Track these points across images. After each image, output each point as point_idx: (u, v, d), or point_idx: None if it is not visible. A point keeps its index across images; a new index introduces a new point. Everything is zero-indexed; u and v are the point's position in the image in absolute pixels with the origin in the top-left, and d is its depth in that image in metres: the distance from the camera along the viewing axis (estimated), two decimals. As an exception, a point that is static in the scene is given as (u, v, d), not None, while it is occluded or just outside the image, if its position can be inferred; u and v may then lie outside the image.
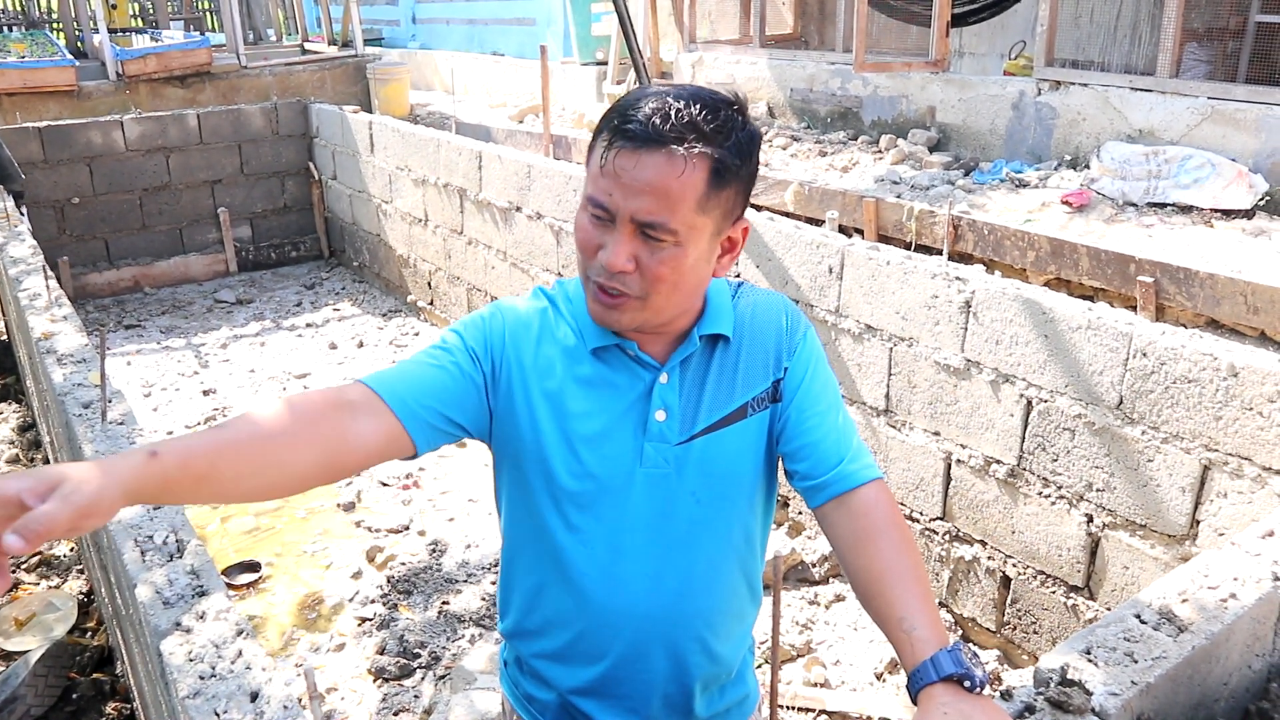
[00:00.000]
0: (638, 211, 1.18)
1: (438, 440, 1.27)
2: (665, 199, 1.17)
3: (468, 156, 6.18)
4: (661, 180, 1.17)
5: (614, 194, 1.19)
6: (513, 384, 1.31)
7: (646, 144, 1.17)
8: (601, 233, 1.22)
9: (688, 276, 1.24)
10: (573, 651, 1.40)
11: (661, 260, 1.21)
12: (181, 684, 1.51)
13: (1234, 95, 4.99)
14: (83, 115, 8.35)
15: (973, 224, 4.67)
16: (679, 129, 1.17)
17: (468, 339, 1.31)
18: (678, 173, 1.17)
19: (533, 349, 1.32)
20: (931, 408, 3.58)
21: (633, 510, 1.33)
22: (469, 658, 3.54)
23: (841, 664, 3.47)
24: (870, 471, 1.32)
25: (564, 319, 1.35)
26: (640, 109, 1.18)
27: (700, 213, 1.20)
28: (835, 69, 7.20)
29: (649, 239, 1.20)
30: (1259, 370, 2.64)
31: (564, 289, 1.39)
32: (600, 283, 1.23)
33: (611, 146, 1.19)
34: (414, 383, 1.25)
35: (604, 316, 1.26)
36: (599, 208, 1.21)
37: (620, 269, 1.20)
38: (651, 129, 1.16)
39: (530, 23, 11.10)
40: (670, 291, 1.24)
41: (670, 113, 1.17)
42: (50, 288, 3.70)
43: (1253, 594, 1.57)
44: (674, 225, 1.19)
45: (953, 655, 1.11)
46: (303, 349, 6.72)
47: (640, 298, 1.23)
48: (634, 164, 1.17)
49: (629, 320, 1.25)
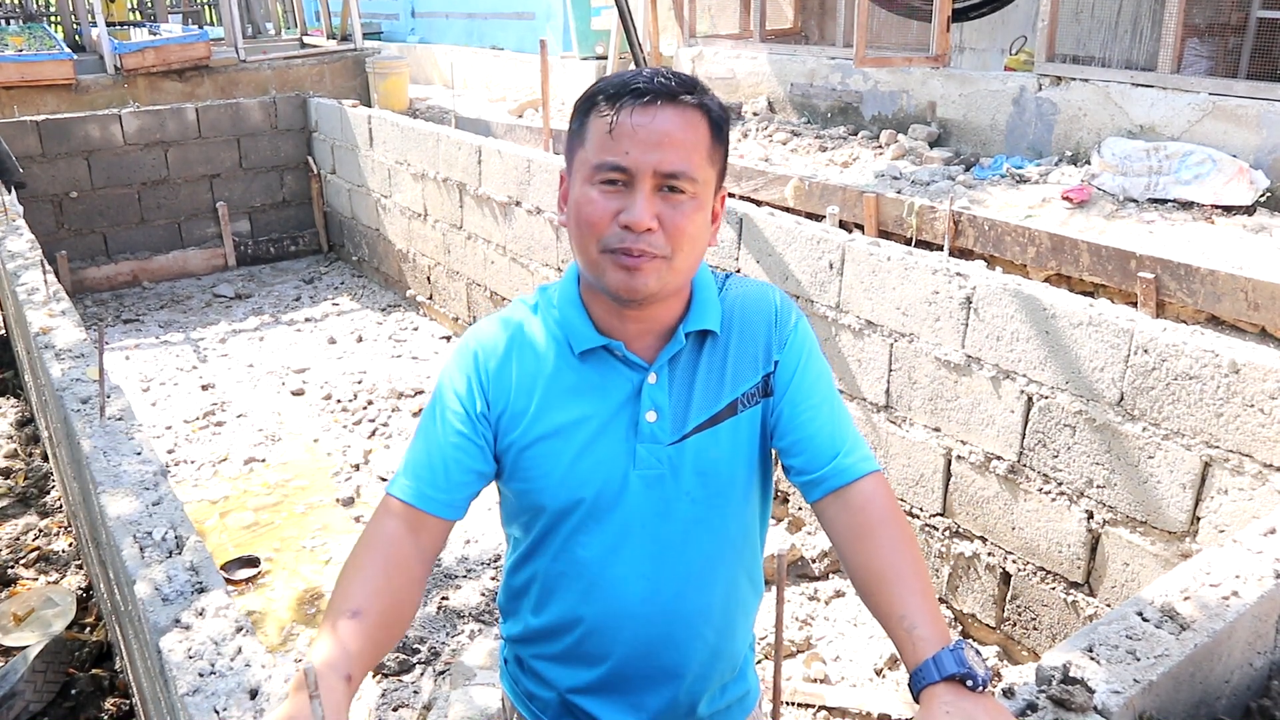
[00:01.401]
0: (660, 163, 1.20)
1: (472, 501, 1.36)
2: (684, 148, 1.21)
3: (467, 151, 6.17)
4: (679, 130, 1.21)
5: (631, 151, 1.20)
6: (504, 414, 1.32)
7: (659, 98, 1.21)
8: (618, 198, 1.22)
9: (701, 235, 1.27)
10: (575, 653, 1.40)
11: (684, 214, 1.23)
12: (181, 681, 1.50)
13: (1235, 91, 4.99)
14: (80, 109, 8.34)
15: (973, 219, 4.67)
16: (681, 83, 1.23)
17: (465, 398, 1.33)
18: (690, 122, 1.23)
19: (514, 371, 1.33)
20: (932, 404, 3.58)
21: (629, 512, 1.32)
22: (468, 653, 3.54)
23: (841, 660, 3.47)
24: (867, 464, 1.32)
25: (547, 326, 1.34)
26: (636, 76, 1.23)
27: (709, 164, 1.25)
28: (835, 64, 7.18)
29: (671, 192, 1.22)
30: (1260, 367, 2.64)
31: (547, 295, 1.38)
32: (623, 246, 1.22)
33: (620, 108, 1.21)
34: (443, 476, 1.31)
35: (629, 283, 1.24)
36: (615, 170, 1.21)
37: (647, 225, 1.21)
38: (659, 84, 1.21)
39: (530, 17, 11.07)
40: (690, 249, 1.26)
41: (666, 73, 1.24)
42: (48, 282, 3.69)
43: (1254, 592, 1.57)
44: (694, 174, 1.22)
45: (955, 654, 1.10)
46: (301, 344, 6.71)
47: (665, 257, 1.23)
48: (650, 118, 1.20)
49: (655, 283, 1.24)
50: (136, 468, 2.25)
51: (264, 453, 5.13)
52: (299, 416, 5.57)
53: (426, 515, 1.29)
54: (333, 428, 5.42)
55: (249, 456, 5.08)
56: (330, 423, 5.49)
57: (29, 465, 4.84)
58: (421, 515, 1.29)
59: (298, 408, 5.69)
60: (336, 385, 5.93)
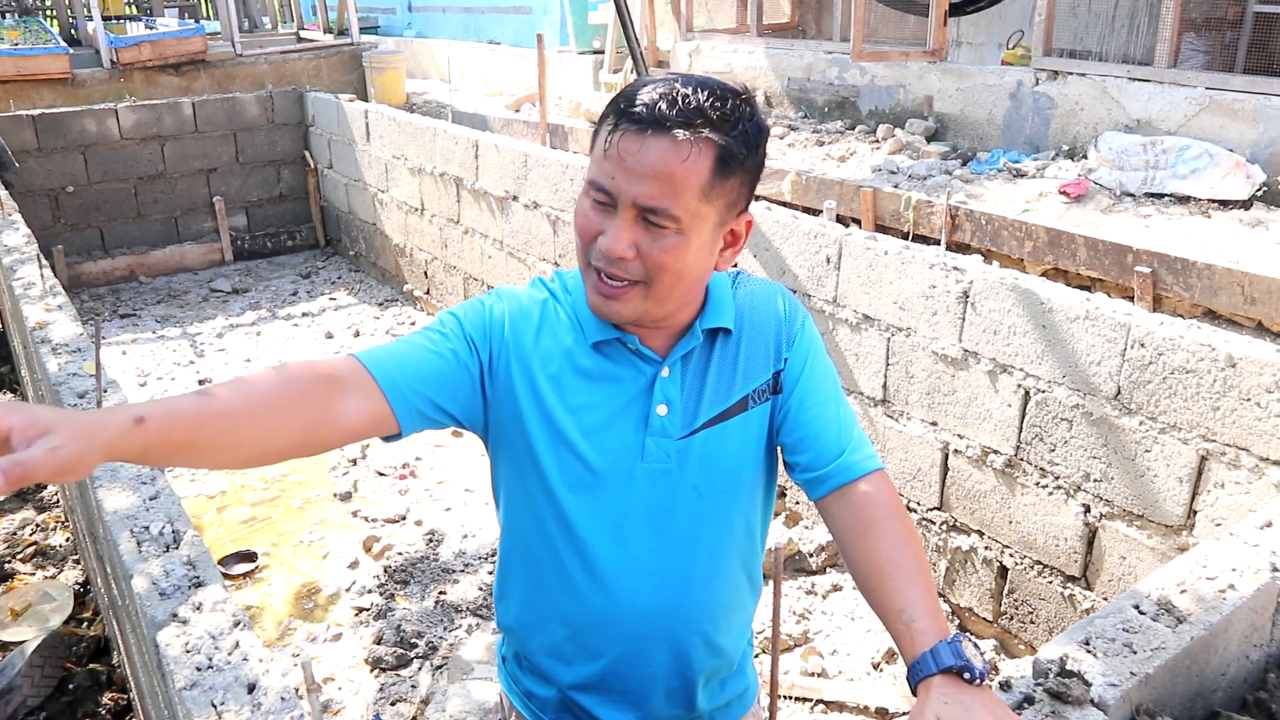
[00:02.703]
0: (640, 196, 1.16)
1: (423, 425, 1.26)
2: (669, 184, 1.15)
3: (464, 145, 6.16)
4: (665, 165, 1.15)
5: (616, 177, 1.17)
6: (512, 373, 1.29)
7: (651, 127, 1.15)
8: (603, 218, 1.20)
9: (691, 267, 1.22)
10: (573, 647, 1.39)
11: (664, 248, 1.19)
12: (178, 676, 1.50)
13: (1232, 85, 4.98)
14: (77, 103, 8.31)
15: (970, 214, 4.67)
16: (685, 114, 1.15)
17: (466, 325, 1.29)
18: (682, 158, 1.15)
19: (533, 338, 1.30)
20: (929, 398, 3.58)
21: (633, 505, 1.32)
22: (466, 648, 3.54)
23: (839, 654, 3.48)
24: (871, 462, 1.32)
25: (563, 311, 1.33)
26: (646, 94, 1.16)
27: (704, 201, 1.18)
28: (832, 58, 7.17)
29: (651, 225, 1.18)
30: (1257, 361, 2.64)
31: (563, 280, 1.37)
32: (601, 269, 1.21)
33: (616, 130, 1.17)
34: (408, 365, 1.23)
35: (603, 308, 1.24)
36: (601, 191, 1.19)
37: (620, 255, 1.18)
38: (657, 113, 1.15)
39: (527, 11, 11.05)
40: (673, 282, 1.22)
41: (676, 98, 1.15)
42: (45, 277, 3.68)
43: (1251, 585, 1.57)
44: (676, 212, 1.17)
45: (952, 647, 1.10)
46: (299, 338, 6.70)
47: (643, 285, 1.21)
48: (638, 147, 1.15)
49: (630, 311, 1.23)
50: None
51: (261, 448, 5.12)
52: (296, 411, 5.56)
53: (372, 383, 1.19)
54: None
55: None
56: (327, 417, 5.48)
57: (26, 460, 4.82)
58: (367, 378, 1.19)
59: (295, 402, 5.68)
60: (334, 380, 5.92)
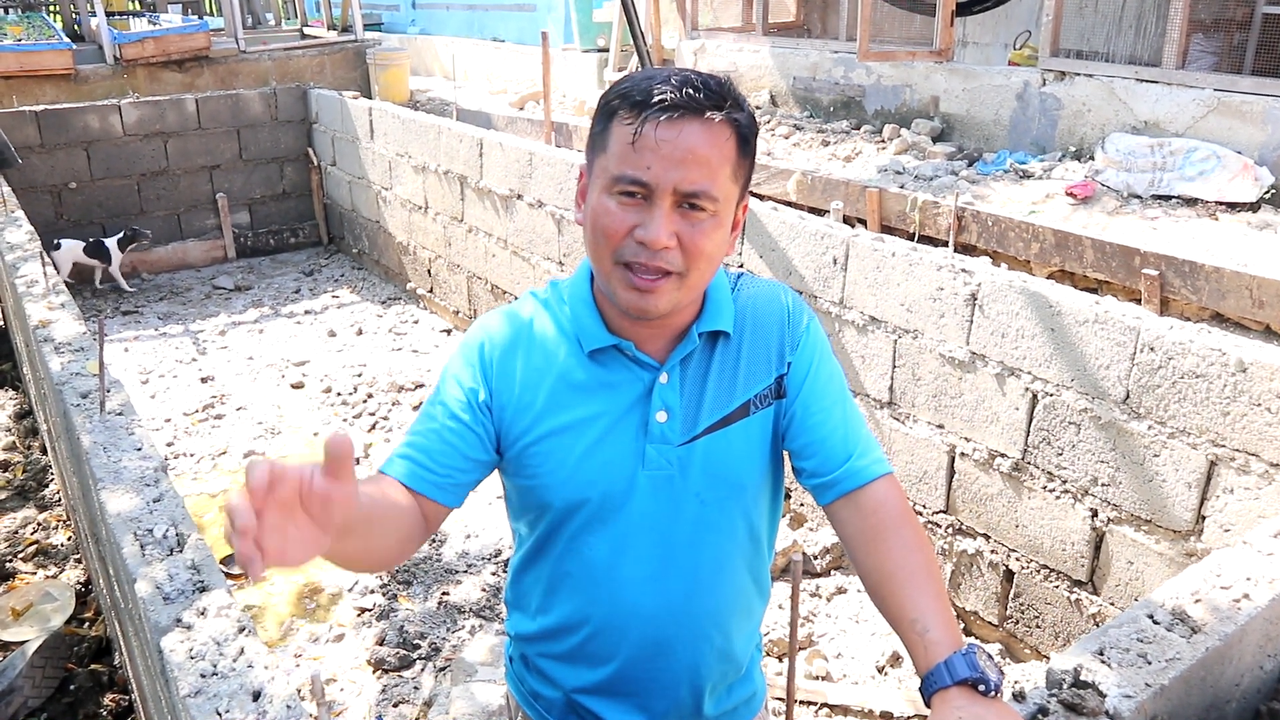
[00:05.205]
0: (681, 182, 1.16)
1: (469, 490, 1.32)
2: (707, 167, 1.17)
3: (468, 143, 6.14)
4: (704, 148, 1.16)
5: (653, 166, 1.16)
6: (508, 406, 1.30)
7: (687, 112, 1.15)
8: (636, 212, 1.18)
9: (719, 251, 1.23)
10: (582, 653, 1.38)
11: (703, 233, 1.19)
12: (182, 682, 1.49)
13: (1240, 87, 4.96)
14: (80, 99, 8.29)
15: (976, 215, 4.64)
16: (712, 95, 1.17)
17: (467, 387, 1.30)
18: (716, 139, 1.17)
19: (521, 364, 1.31)
20: (936, 400, 3.56)
21: (637, 513, 1.31)
22: (469, 649, 3.53)
23: (843, 657, 3.46)
24: (880, 466, 1.30)
25: (554, 323, 1.32)
26: (664, 82, 1.16)
27: (733, 181, 1.21)
28: (838, 58, 7.15)
29: (691, 210, 1.18)
30: (1268, 366, 2.62)
31: (557, 290, 1.36)
32: (638, 264, 1.19)
33: (645, 120, 1.16)
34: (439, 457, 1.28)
35: (640, 303, 1.21)
36: (635, 184, 1.17)
37: (664, 244, 1.17)
38: (687, 97, 1.15)
39: (531, 8, 11.04)
40: (707, 267, 1.23)
41: (697, 82, 1.17)
42: (48, 274, 3.67)
43: (1265, 594, 1.56)
44: (715, 193, 1.18)
45: (967, 658, 1.08)
46: (301, 336, 6.69)
47: (678, 276, 1.20)
48: (675, 134, 1.15)
49: (666, 303, 1.22)
50: (137, 464, 2.24)
51: (264, 446, 5.11)
52: (299, 409, 5.56)
53: (416, 494, 1.26)
54: (332, 421, 5.40)
55: (249, 450, 5.06)
56: (330, 416, 5.47)
57: (27, 458, 4.82)
58: (411, 493, 1.26)
59: (297, 401, 5.67)
60: (336, 378, 5.91)
